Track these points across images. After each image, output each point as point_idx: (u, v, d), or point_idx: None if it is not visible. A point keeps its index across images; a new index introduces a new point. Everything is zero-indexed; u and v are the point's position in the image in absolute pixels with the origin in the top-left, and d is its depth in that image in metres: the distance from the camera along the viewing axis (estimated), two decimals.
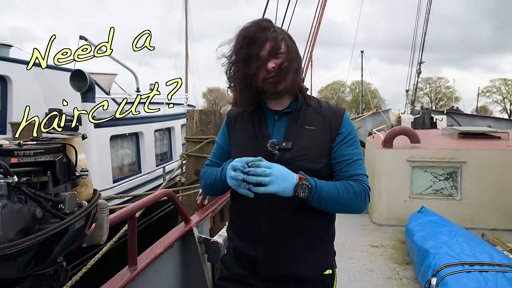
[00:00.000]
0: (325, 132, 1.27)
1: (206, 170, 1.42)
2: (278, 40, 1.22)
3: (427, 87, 51.24)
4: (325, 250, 1.33)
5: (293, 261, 1.26)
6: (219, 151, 1.44)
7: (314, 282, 1.29)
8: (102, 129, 6.42)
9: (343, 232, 4.76)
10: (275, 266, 1.26)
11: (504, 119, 14.89)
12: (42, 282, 0.84)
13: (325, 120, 1.28)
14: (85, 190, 0.93)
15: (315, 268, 1.29)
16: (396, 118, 14.61)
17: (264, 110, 1.33)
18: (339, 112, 1.31)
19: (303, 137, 1.25)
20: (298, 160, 1.22)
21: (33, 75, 6.39)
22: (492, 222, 4.88)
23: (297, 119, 1.27)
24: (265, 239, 1.24)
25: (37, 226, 0.76)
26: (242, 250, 1.32)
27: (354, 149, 1.28)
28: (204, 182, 1.39)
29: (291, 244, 1.25)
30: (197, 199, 2.53)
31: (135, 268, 1.60)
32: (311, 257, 1.28)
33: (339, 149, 1.26)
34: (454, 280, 2.54)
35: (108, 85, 10.54)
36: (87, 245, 0.96)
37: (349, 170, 1.25)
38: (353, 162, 1.25)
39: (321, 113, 1.30)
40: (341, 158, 1.25)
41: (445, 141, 6.08)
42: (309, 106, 1.31)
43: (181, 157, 6.07)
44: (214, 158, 1.45)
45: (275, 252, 1.26)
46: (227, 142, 1.41)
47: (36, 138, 0.86)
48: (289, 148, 1.23)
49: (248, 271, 1.31)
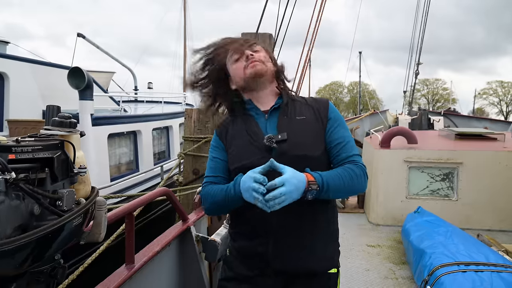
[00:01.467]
0: (316, 121, 1.32)
1: (209, 189, 1.33)
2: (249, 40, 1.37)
3: (425, 89, 51.44)
4: (333, 244, 1.36)
5: (304, 255, 1.26)
6: (217, 164, 1.37)
7: (321, 278, 1.30)
8: (100, 127, 6.40)
9: (340, 231, 4.67)
10: (286, 261, 1.26)
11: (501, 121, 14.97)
12: (39, 279, 0.84)
13: (314, 110, 1.34)
14: (83, 187, 0.93)
15: (324, 262, 1.31)
16: (394, 119, 14.65)
17: (252, 113, 1.36)
18: (323, 101, 1.39)
19: (297, 127, 1.29)
20: (296, 149, 1.24)
21: (30, 72, 6.36)
22: (487, 223, 4.91)
23: (287, 112, 1.32)
24: (276, 234, 1.25)
25: (34, 223, 0.75)
26: (250, 248, 1.30)
27: (345, 131, 1.35)
28: (211, 200, 1.30)
29: (302, 238, 1.26)
30: (195, 198, 2.53)
31: (132, 266, 1.60)
32: (321, 251, 1.29)
33: (332, 134, 1.32)
34: (450, 280, 2.55)
35: (105, 83, 10.53)
36: (84, 242, 0.96)
37: (344, 152, 1.30)
38: (347, 144, 1.31)
39: (308, 104, 1.37)
40: (336, 142, 1.31)
41: (442, 142, 6.11)
42: (295, 100, 1.38)
43: (179, 156, 6.06)
44: (212, 173, 1.37)
45: (286, 247, 1.25)
46: (223, 153, 1.37)
47: (34, 134, 0.86)
48: (285, 139, 1.25)
49: (255, 269, 1.30)
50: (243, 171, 1.23)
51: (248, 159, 1.27)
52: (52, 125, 0.89)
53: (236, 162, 1.31)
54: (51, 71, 6.73)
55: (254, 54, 1.31)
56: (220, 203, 1.28)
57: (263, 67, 1.31)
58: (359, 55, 39.14)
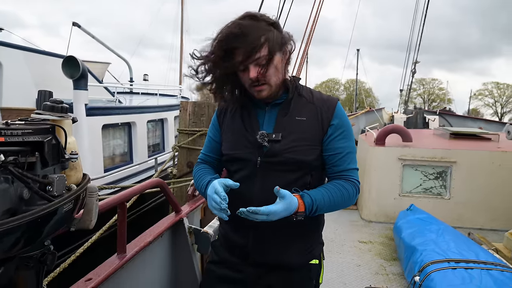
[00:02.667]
0: (316, 123, 1.25)
1: (196, 171, 1.42)
2: (258, 44, 1.15)
3: (421, 88, 51.68)
4: (312, 240, 1.35)
5: (281, 251, 1.28)
6: (211, 144, 1.43)
7: (300, 270, 1.31)
8: (94, 118, 6.35)
9: (333, 227, 4.80)
10: (263, 255, 1.28)
11: (495, 121, 15.07)
12: (28, 265, 0.83)
13: (317, 110, 1.26)
14: (74, 173, 0.92)
15: (302, 257, 1.31)
16: (389, 117, 14.71)
17: (254, 101, 1.31)
18: (331, 102, 1.28)
19: (294, 129, 1.24)
20: (287, 152, 1.21)
21: (24, 60, 6.27)
22: (479, 221, 4.96)
23: (288, 110, 1.25)
24: (255, 230, 1.26)
25: (24, 207, 0.74)
26: (233, 238, 1.34)
27: (345, 142, 1.26)
28: (195, 183, 1.41)
29: (280, 234, 1.26)
30: (188, 190, 2.52)
31: (124, 255, 1.59)
32: (298, 246, 1.30)
33: (331, 142, 1.25)
34: (440, 276, 2.58)
35: (101, 73, 10.42)
36: (75, 229, 0.95)
37: (340, 165, 1.26)
38: (345, 156, 1.26)
39: (313, 103, 1.27)
40: (333, 152, 1.25)
41: (436, 141, 6.14)
42: (301, 96, 1.29)
43: (173, 148, 6.04)
44: (206, 151, 1.45)
45: (264, 242, 1.27)
46: (218, 134, 1.40)
47: (25, 118, 0.84)
48: (278, 140, 1.22)
49: (238, 258, 1.33)
50: (233, 160, 1.30)
51: (238, 150, 1.28)
52: (44, 109, 0.87)
53: (227, 150, 1.33)
54: (46, 60, 6.63)
55: (260, 77, 1.18)
56: (199, 191, 1.37)
57: (269, 90, 1.22)
58: (357, 53, 39.19)
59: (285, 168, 1.21)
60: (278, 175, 1.22)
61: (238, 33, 1.13)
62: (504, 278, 2.49)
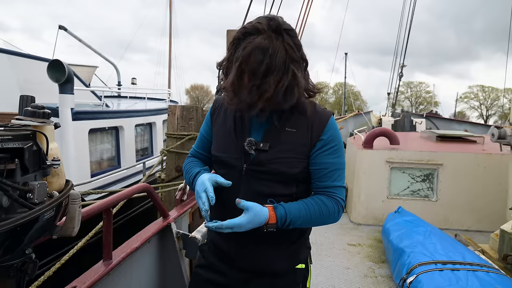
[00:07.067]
0: (306, 135, 1.21)
1: (186, 164, 1.42)
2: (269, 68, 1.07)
3: (408, 91, 52.48)
4: (297, 245, 1.33)
5: (264, 257, 1.26)
6: (202, 141, 1.42)
7: (286, 275, 1.30)
8: (80, 122, 6.26)
9: (322, 230, 4.81)
10: (247, 261, 1.28)
11: (481, 124, 15.40)
12: (9, 274, 0.81)
13: (309, 122, 1.21)
14: (57, 180, 0.90)
15: (286, 263, 1.30)
16: (377, 120, 14.88)
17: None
18: (324, 116, 1.24)
19: (282, 140, 1.21)
20: (273, 163, 1.19)
21: (7, 63, 6.15)
22: (465, 223, 5.04)
23: (280, 120, 1.22)
24: (237, 238, 1.23)
25: (3, 216, 0.72)
26: (218, 243, 1.34)
27: (334, 158, 1.23)
28: (185, 176, 1.40)
29: (261, 242, 1.25)
30: (176, 195, 2.50)
31: (110, 262, 1.57)
32: (282, 252, 1.28)
33: (318, 157, 1.22)
34: (427, 278, 2.61)
35: (88, 77, 10.30)
36: (57, 237, 0.93)
37: (325, 181, 1.22)
38: (331, 172, 1.22)
39: (306, 114, 1.22)
40: (319, 167, 1.22)
41: (423, 143, 6.22)
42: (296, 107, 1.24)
43: (161, 153, 5.99)
44: (197, 148, 1.45)
45: (246, 248, 1.26)
46: (210, 132, 1.39)
47: (5, 124, 0.82)
48: (265, 150, 1.20)
49: (225, 263, 1.32)
50: (220, 163, 1.29)
51: (225, 153, 1.27)
52: (24, 115, 0.85)
53: (215, 150, 1.33)
54: (30, 63, 6.52)
55: (265, 107, 1.13)
56: (189, 185, 1.36)
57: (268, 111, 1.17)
58: (345, 56, 39.62)
59: (270, 177, 1.20)
60: (263, 183, 1.20)
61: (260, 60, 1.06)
62: (489, 279, 2.53)
